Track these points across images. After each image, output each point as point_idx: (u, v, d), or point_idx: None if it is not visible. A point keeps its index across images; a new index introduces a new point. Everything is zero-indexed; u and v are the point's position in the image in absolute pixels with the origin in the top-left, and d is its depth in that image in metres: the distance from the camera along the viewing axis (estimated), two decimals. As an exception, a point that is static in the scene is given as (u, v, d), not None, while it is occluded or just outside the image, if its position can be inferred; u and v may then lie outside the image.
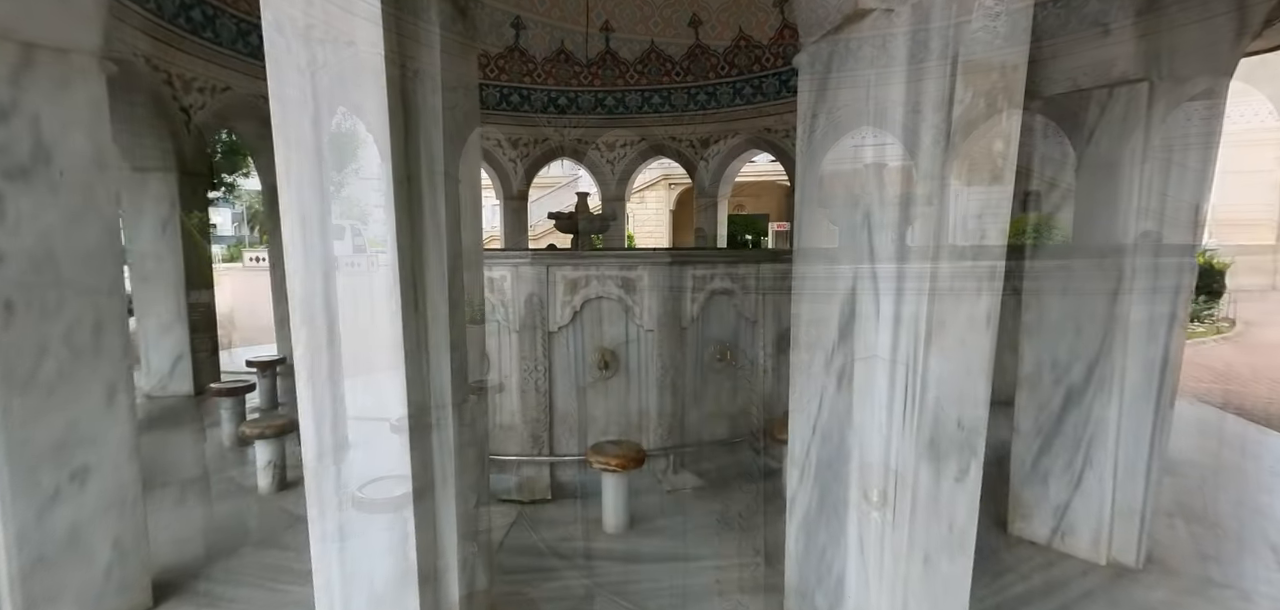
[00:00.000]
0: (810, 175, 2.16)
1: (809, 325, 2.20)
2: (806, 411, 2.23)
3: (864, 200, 1.88)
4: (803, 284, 2.24)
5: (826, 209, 2.06)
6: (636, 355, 3.95)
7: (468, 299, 1.95)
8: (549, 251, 4.40)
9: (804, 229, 2.22)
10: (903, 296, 1.82)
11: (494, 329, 3.87)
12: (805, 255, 2.22)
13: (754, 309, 4.25)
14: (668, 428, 4.00)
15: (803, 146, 2.20)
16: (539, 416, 3.86)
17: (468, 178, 1.94)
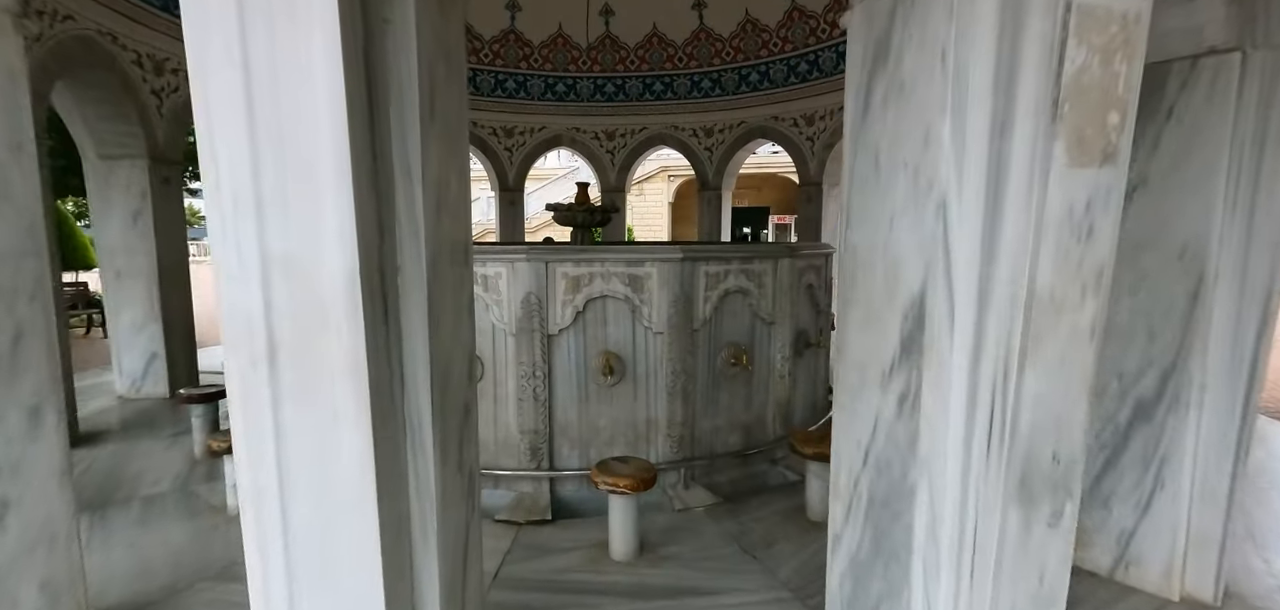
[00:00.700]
0: (863, 156, 1.81)
1: (859, 333, 1.86)
2: (855, 436, 1.89)
3: (938, 186, 1.53)
4: (852, 285, 1.89)
5: (886, 197, 1.72)
6: (644, 360, 3.61)
7: (455, 304, 1.60)
8: (548, 246, 4.07)
9: (854, 220, 1.88)
10: (988, 304, 1.48)
11: (487, 332, 3.52)
12: (856, 251, 1.87)
13: (770, 309, 3.91)
14: (678, 439, 3.66)
15: (854, 122, 1.85)
16: (538, 427, 3.52)
17: (455, 162, 1.59)
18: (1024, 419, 1.48)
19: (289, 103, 1.12)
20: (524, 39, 8.63)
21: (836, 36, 7.35)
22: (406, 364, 1.38)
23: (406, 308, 1.36)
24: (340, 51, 1.10)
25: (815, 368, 4.51)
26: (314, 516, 1.23)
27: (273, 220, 1.16)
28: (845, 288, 1.93)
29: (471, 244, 1.79)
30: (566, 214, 5.20)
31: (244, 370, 1.19)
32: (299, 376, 1.20)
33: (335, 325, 1.18)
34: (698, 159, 9.10)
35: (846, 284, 1.92)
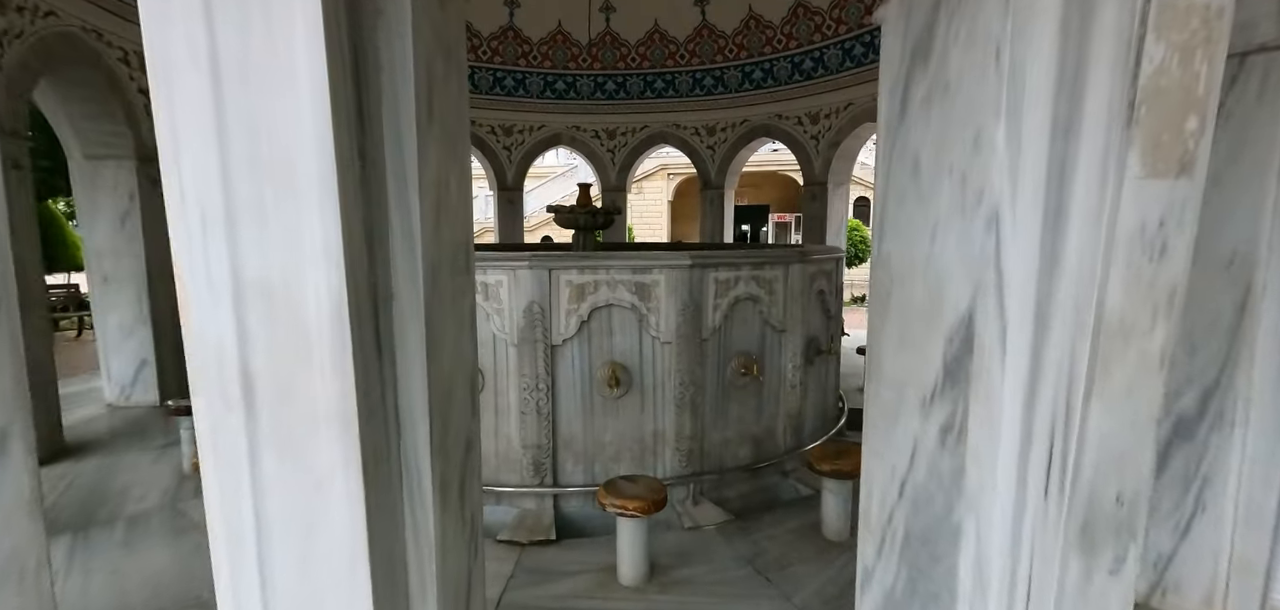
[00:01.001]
0: (900, 161, 1.66)
1: (896, 353, 1.71)
2: (889, 463, 1.75)
3: (990, 196, 1.38)
4: (886, 300, 1.75)
5: (927, 206, 1.57)
6: (651, 371, 3.46)
7: (456, 319, 1.46)
8: (551, 251, 3.91)
9: (889, 230, 1.73)
10: (1046, 329, 1.33)
11: (487, 342, 3.37)
12: (890, 264, 1.73)
13: (781, 316, 3.77)
14: (687, 453, 3.51)
15: (890, 124, 1.70)
16: (541, 442, 3.37)
17: (455, 164, 1.44)
18: (1088, 457, 1.34)
19: (266, 103, 0.97)
20: (523, 36, 8.47)
21: (842, 33, 7.21)
22: (402, 399, 1.23)
23: (402, 334, 1.22)
24: (324, 45, 0.95)
25: (825, 376, 4.36)
26: (299, 586, 1.07)
27: (247, 238, 1.00)
28: (878, 301, 1.78)
29: (473, 248, 1.65)
30: (568, 216, 5.05)
31: (215, 413, 1.04)
32: (280, 421, 1.05)
33: (320, 362, 1.03)
34: (700, 158, 8.95)
35: (880, 298, 1.77)
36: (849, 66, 7.22)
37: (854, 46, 7.12)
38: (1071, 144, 1.27)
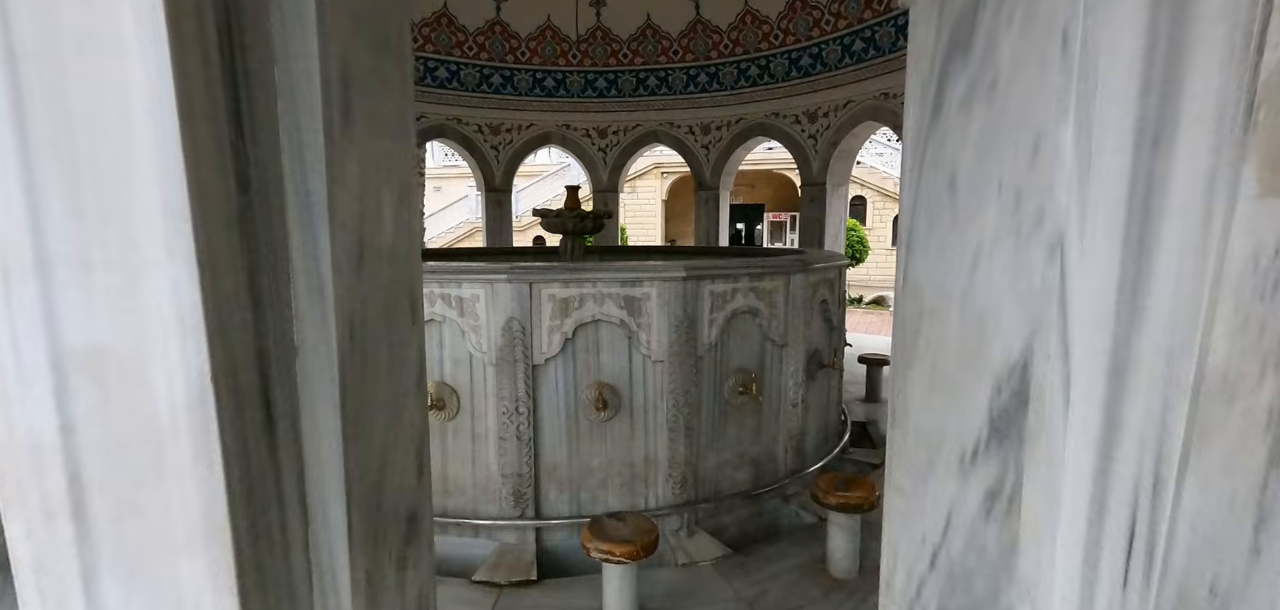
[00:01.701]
0: (933, 172, 1.39)
1: (927, 398, 1.44)
2: (919, 530, 1.48)
3: (1052, 217, 1.12)
4: (914, 334, 1.48)
5: (968, 226, 1.30)
6: (642, 391, 3.19)
7: (395, 379, 1.18)
8: (533, 260, 3.64)
9: (918, 252, 1.46)
10: (1126, 381, 1.06)
11: (464, 361, 3.09)
12: (919, 293, 1.45)
13: (782, 330, 3.51)
14: (680, 479, 3.25)
15: (919, 128, 1.42)
16: (521, 470, 3.10)
17: (392, 181, 1.16)
18: (1180, 542, 1.08)
19: (86, 103, 0.69)
20: (510, 31, 8.17)
21: (842, 28, 6.95)
22: (311, 485, 0.96)
23: (309, 404, 0.94)
24: (164, 17, 0.67)
25: (828, 391, 4.11)
26: None
27: (68, 296, 0.72)
28: (904, 337, 1.51)
29: (421, 287, 1.37)
30: (554, 220, 4.77)
31: (35, 534, 0.76)
32: (124, 540, 0.77)
33: (177, 462, 0.75)
34: (694, 158, 8.68)
35: (906, 332, 1.51)
36: (849, 63, 6.96)
37: (854, 42, 6.87)
38: (1162, 153, 1.00)
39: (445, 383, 3.13)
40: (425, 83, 7.81)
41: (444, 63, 7.89)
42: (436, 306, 3.05)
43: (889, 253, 19.90)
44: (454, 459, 3.18)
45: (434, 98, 7.94)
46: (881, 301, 17.06)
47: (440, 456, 3.20)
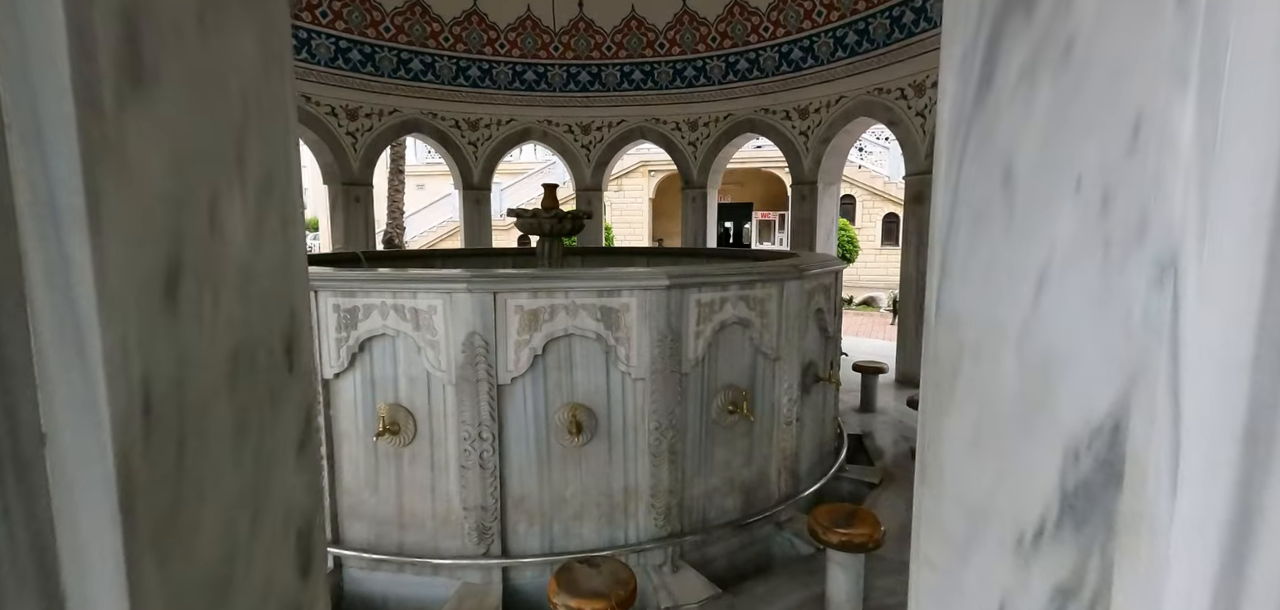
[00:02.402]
0: (979, 168, 1.07)
1: (967, 456, 1.13)
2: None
3: (1159, 224, 0.81)
4: (952, 375, 1.17)
5: (1029, 239, 1.00)
6: (621, 412, 2.88)
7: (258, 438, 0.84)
8: (509, 263, 3.32)
9: (956, 271, 1.15)
10: (1272, 452, 0.76)
11: (420, 380, 2.76)
12: (958, 323, 1.14)
13: (775, 342, 3.20)
14: (664, 509, 2.93)
15: (959, 110, 1.11)
16: (486, 502, 2.77)
17: (249, 141, 0.82)
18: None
19: None
20: (488, 21, 7.80)
21: (834, 20, 6.67)
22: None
23: (68, 527, 0.60)
24: None
25: (823, 405, 3.82)
26: None
27: None
28: (937, 375, 1.20)
29: (306, 314, 1.03)
30: (530, 221, 4.44)
31: None
32: None
33: None
34: (681, 155, 8.38)
35: (939, 371, 1.20)
36: (841, 56, 6.69)
37: (846, 35, 6.59)
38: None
39: (400, 404, 2.79)
40: (398, 75, 7.43)
41: (418, 54, 7.52)
42: (389, 319, 2.71)
43: (879, 252, 19.75)
44: (411, 489, 2.85)
45: (408, 91, 7.56)
46: (871, 302, 16.87)
47: (396, 486, 2.86)
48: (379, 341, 2.77)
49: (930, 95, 5.84)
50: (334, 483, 2.90)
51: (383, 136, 7.59)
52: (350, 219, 7.50)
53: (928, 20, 5.71)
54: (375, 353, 2.79)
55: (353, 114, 7.28)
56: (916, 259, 6.18)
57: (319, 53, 6.81)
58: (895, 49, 6.11)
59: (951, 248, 1.04)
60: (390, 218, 15.63)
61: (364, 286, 2.72)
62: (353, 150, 7.35)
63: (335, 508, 2.91)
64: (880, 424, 5.16)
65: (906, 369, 6.40)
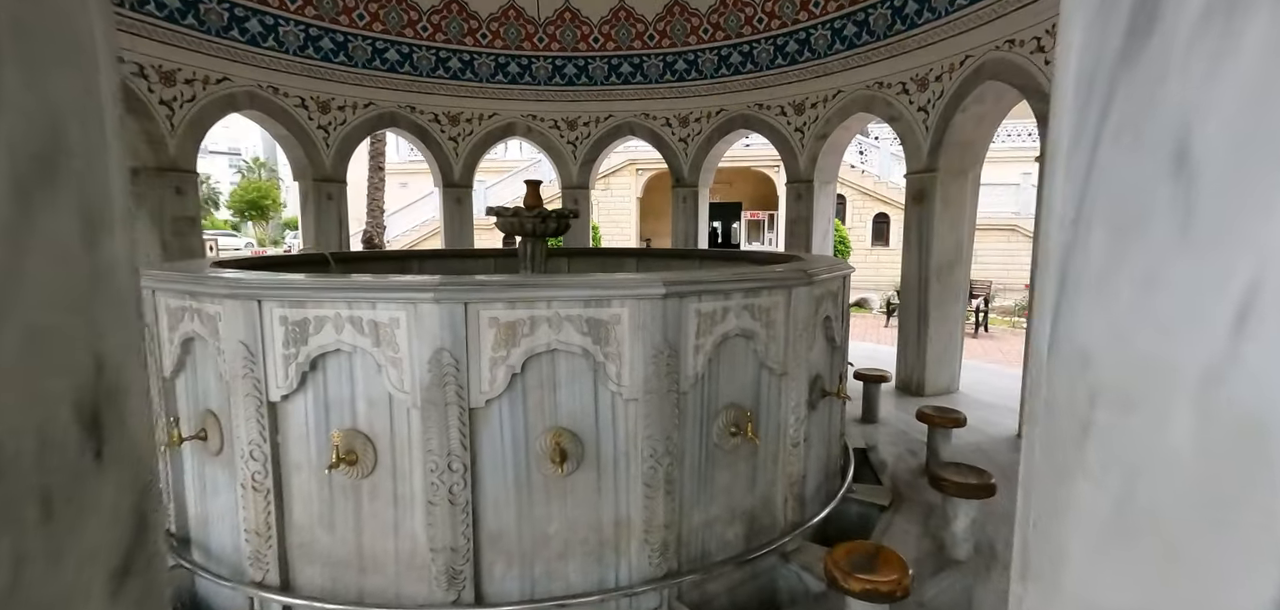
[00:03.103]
0: (1125, 151, 0.76)
1: (1100, 545, 0.82)
2: None
3: None
4: (1076, 435, 0.85)
5: (1217, 244, 0.68)
6: (611, 437, 2.54)
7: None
8: (480, 266, 2.97)
9: (1083, 283, 0.82)
10: None
11: (381, 402, 2.41)
12: (1086, 358, 0.82)
13: (782, 356, 2.89)
14: (660, 545, 2.61)
15: (1089, 73, 0.79)
16: (456, 542, 2.42)
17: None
18: None
19: None
20: (469, 10, 7.42)
21: (831, 11, 6.38)
22: None
23: None
24: None
25: (829, 422, 3.51)
26: None
27: None
28: (1053, 431, 0.88)
29: (135, 381, 0.68)
30: (511, 221, 4.09)
31: None
32: None
33: None
34: (671, 152, 8.05)
35: (1059, 426, 0.88)
36: (839, 49, 6.40)
37: (845, 26, 6.31)
38: None
39: (358, 431, 2.44)
40: (374, 66, 7.03)
41: (395, 44, 7.12)
42: (344, 333, 2.35)
43: (869, 252, 19.58)
44: (371, 527, 2.49)
45: (384, 82, 7.17)
46: (863, 304, 16.68)
47: (355, 524, 2.51)
48: (333, 359, 2.42)
49: (934, 90, 5.57)
50: (282, 520, 2.54)
51: (357, 131, 7.18)
52: (323, 218, 7.09)
53: (931, 11, 5.44)
54: (329, 372, 2.43)
55: (325, 106, 6.87)
56: (918, 260, 5.91)
57: (287, 41, 6.40)
58: (896, 41, 5.84)
59: (1079, 257, 0.69)
60: (370, 216, 15.14)
61: (315, 295, 2.36)
62: (325, 145, 6.93)
63: (284, 548, 2.55)
64: (883, 436, 4.88)
65: (906, 375, 6.13)
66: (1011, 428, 4.95)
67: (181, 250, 5.66)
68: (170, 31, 5.52)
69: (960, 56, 5.25)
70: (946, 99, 5.43)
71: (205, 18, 5.75)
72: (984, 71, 5.04)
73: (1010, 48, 4.77)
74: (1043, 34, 4.48)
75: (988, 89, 5.12)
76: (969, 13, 5.05)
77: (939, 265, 5.78)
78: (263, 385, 2.43)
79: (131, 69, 5.32)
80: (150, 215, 5.61)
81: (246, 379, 2.43)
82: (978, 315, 13.21)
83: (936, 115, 5.55)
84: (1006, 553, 3.09)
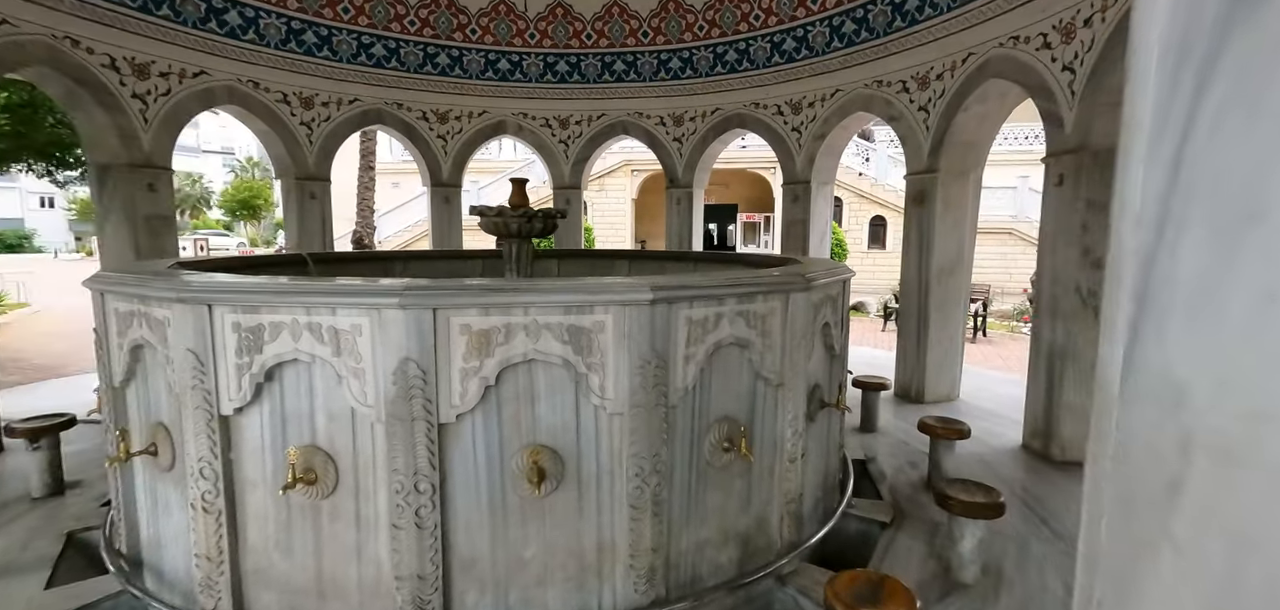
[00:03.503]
0: (1233, 136, 0.57)
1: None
2: None
3: None
4: (1171, 489, 0.66)
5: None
6: (594, 454, 2.35)
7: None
8: (468, 267, 2.77)
9: (1163, 304, 0.64)
10: None
11: (342, 416, 2.21)
12: (1179, 397, 0.64)
13: (778, 365, 2.70)
14: (646, 570, 2.42)
15: (1180, 39, 0.60)
16: (423, 570, 2.22)
17: None
18: None
19: None
20: (458, 5, 7.22)
21: (830, 8, 6.21)
22: None
23: None
24: None
25: (827, 434, 3.33)
26: None
27: None
28: (1130, 483, 0.70)
29: None
30: (494, 221, 3.90)
31: None
32: None
33: None
34: (666, 152, 7.87)
35: (1138, 477, 0.69)
36: (837, 47, 6.23)
37: (844, 24, 6.14)
38: None
39: (318, 447, 2.24)
40: (359, 61, 6.83)
41: (381, 39, 6.92)
42: (302, 341, 2.16)
43: (866, 255, 19.44)
44: (332, 552, 2.29)
45: (370, 78, 6.96)
46: (859, 307, 16.53)
47: (314, 547, 2.31)
48: (290, 369, 2.22)
49: (935, 89, 5.41)
50: (235, 543, 2.34)
51: (341, 128, 6.97)
52: (305, 217, 6.87)
53: (933, 7, 5.27)
54: (286, 383, 2.23)
55: (308, 102, 6.66)
56: (918, 264, 5.74)
57: (268, 34, 6.19)
58: (896, 39, 5.67)
59: (1166, 266, 0.49)
60: (360, 216, 14.90)
61: (269, 300, 2.17)
62: (308, 142, 6.72)
63: (237, 573, 2.35)
64: (883, 446, 4.70)
65: (906, 382, 5.96)
66: (1015, 438, 4.77)
67: (155, 250, 5.43)
68: (143, 22, 5.31)
69: (963, 54, 5.08)
70: (948, 98, 5.26)
71: (181, 9, 5.54)
72: (987, 69, 4.87)
73: (1015, 44, 4.61)
74: (1049, 29, 4.32)
75: (991, 87, 4.96)
76: (972, 8, 4.88)
77: (940, 269, 5.61)
78: (214, 397, 2.23)
79: (102, 60, 5.10)
80: (122, 213, 5.39)
81: (196, 390, 2.23)
82: (976, 320, 13.07)
83: (938, 114, 5.38)
84: (1016, 575, 2.91)
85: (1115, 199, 0.67)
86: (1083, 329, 4.22)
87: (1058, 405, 4.32)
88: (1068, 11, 4.18)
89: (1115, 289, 0.65)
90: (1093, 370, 1.74)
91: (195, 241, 32.77)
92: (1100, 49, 3.94)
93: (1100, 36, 3.94)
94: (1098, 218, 4.08)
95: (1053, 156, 4.38)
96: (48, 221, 45.47)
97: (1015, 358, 10.86)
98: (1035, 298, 4.92)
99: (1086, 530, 0.83)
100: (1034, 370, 4.61)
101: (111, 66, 5.17)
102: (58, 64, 4.83)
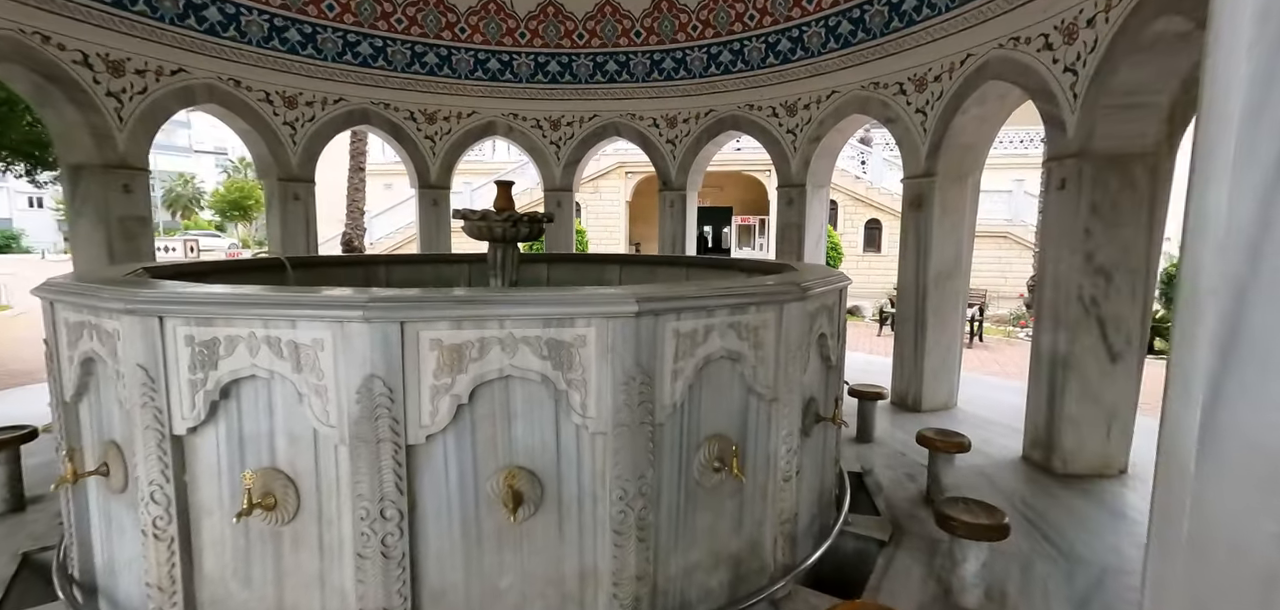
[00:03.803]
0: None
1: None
2: None
3: None
4: (1198, 571, 0.52)
5: None
6: (575, 476, 2.21)
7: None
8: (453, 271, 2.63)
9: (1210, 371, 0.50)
10: None
11: (304, 438, 2.06)
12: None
13: (772, 379, 2.56)
14: (632, 598, 2.27)
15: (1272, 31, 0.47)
16: (390, 601, 2.07)
17: None
18: None
19: None
20: (447, 4, 7.07)
21: (826, 8, 6.09)
22: None
23: None
24: None
25: (823, 449, 3.19)
26: None
27: None
28: (1207, 587, 0.57)
29: None
30: (479, 225, 3.75)
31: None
32: None
33: None
34: (659, 153, 7.74)
35: (1217, 563, 0.56)
36: (833, 47, 6.11)
37: (840, 24, 6.02)
38: None
39: (278, 470, 2.09)
40: (345, 59, 6.67)
41: (367, 37, 6.77)
42: (260, 356, 2.00)
43: (861, 259, 19.34)
44: (293, 582, 2.14)
45: (356, 77, 6.80)
46: (855, 311, 16.43)
47: (275, 576, 2.15)
48: (248, 386, 2.06)
49: (933, 90, 5.29)
50: (190, 571, 2.18)
51: (326, 128, 6.80)
52: (289, 218, 6.70)
53: (930, 7, 5.15)
54: (243, 401, 2.08)
55: (291, 102, 6.49)
56: (915, 269, 5.62)
57: (250, 31, 6.02)
58: (893, 40, 5.55)
59: (1262, 309, 0.37)
60: (349, 218, 14.69)
61: (224, 311, 2.01)
62: (291, 142, 6.55)
63: (192, 605, 2.19)
64: (879, 457, 4.57)
65: (903, 390, 5.83)
66: (1014, 448, 4.65)
67: (130, 253, 5.26)
68: (118, 18, 5.13)
69: (961, 55, 4.97)
70: (946, 100, 5.14)
71: (158, 5, 5.37)
72: (986, 71, 4.75)
73: (1015, 45, 4.49)
74: (1051, 30, 4.20)
75: (990, 89, 4.84)
76: (971, 9, 4.77)
77: (937, 274, 5.49)
78: (165, 416, 2.07)
79: (74, 57, 4.93)
80: (96, 215, 5.21)
81: (146, 409, 2.07)
82: (973, 325, 12.98)
83: (935, 117, 5.26)
84: (1020, 600, 2.77)
85: (1189, 216, 0.53)
86: (1085, 338, 4.10)
87: (1059, 416, 4.20)
88: (1069, 11, 4.06)
89: (1189, 334, 0.51)
90: (1097, 382, 1.59)
91: (186, 242, 32.44)
92: (1104, 50, 3.82)
93: (1104, 37, 3.82)
94: (1102, 223, 3.96)
95: (1054, 160, 4.26)
96: (36, 222, 44.98)
97: (1012, 363, 10.76)
98: (1035, 304, 4.80)
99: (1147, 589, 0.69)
100: (1035, 379, 4.48)
101: (84, 63, 4.99)
102: (25, 60, 4.65)
